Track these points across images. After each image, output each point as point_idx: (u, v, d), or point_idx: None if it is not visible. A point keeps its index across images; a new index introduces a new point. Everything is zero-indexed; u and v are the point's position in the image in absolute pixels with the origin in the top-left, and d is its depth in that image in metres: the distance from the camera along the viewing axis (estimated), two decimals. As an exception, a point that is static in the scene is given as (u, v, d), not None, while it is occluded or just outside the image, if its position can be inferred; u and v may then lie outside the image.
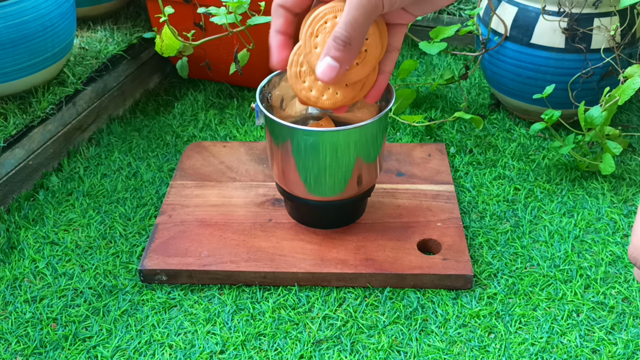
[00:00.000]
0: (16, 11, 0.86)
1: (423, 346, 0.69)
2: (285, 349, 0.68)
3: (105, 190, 0.91)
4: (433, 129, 1.03)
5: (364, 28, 0.53)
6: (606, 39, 0.93)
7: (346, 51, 0.55)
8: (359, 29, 0.53)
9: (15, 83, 0.91)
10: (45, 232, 0.83)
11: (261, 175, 0.89)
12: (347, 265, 0.75)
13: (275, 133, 0.71)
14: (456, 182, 0.92)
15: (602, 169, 0.88)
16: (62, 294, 0.75)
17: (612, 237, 0.82)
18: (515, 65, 0.99)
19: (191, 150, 0.95)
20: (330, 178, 0.73)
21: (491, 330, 0.70)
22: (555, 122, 0.90)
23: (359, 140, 0.70)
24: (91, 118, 1.02)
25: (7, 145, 0.87)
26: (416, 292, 0.75)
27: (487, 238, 0.82)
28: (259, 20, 0.91)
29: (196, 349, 0.68)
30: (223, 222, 0.81)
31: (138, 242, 0.82)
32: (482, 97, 1.13)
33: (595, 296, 0.74)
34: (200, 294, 0.75)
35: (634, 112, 1.08)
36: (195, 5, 1.02)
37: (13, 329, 0.71)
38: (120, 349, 0.69)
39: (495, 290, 0.75)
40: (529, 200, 0.89)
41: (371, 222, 0.81)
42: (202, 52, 1.08)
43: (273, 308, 0.73)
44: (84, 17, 1.18)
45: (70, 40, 0.97)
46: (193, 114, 1.09)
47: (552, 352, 0.68)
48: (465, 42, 1.27)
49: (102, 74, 1.04)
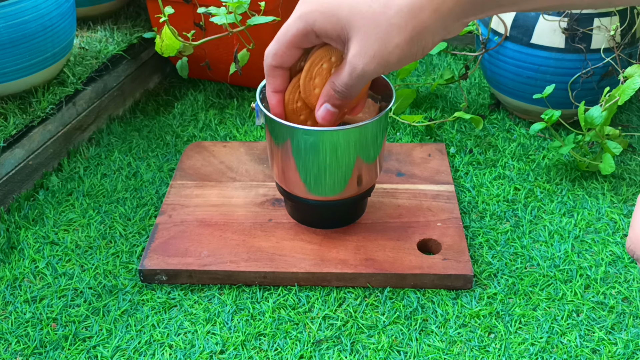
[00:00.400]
0: (16, 11, 0.86)
1: (423, 346, 0.69)
2: (285, 349, 0.68)
3: (105, 190, 0.91)
4: (433, 129, 1.03)
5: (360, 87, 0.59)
6: (606, 39, 0.93)
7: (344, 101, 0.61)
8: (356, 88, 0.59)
9: (15, 83, 0.91)
10: (45, 232, 0.83)
11: (261, 175, 0.89)
12: (347, 265, 0.75)
13: (275, 133, 0.71)
14: (456, 182, 0.92)
15: (602, 169, 0.88)
16: (62, 294, 0.75)
17: (612, 237, 0.82)
18: (515, 65, 0.99)
19: (191, 150, 0.95)
20: (330, 178, 0.73)
21: (491, 330, 0.70)
22: (555, 122, 0.90)
23: (359, 140, 0.70)
24: (91, 118, 1.02)
25: (7, 145, 0.87)
26: (416, 292, 0.75)
27: (487, 238, 0.82)
28: (259, 20, 0.91)
29: (196, 349, 0.68)
30: (223, 222, 0.81)
31: (138, 242, 0.82)
32: (482, 97, 1.13)
33: (595, 296, 0.74)
34: (200, 294, 0.75)
35: (633, 112, 1.08)
36: (195, 5, 1.02)
37: (13, 329, 0.71)
38: (120, 349, 0.69)
39: (495, 290, 0.75)
40: (529, 200, 0.89)
41: (371, 222, 0.81)
42: (202, 52, 1.08)
43: (273, 308, 0.73)
44: (84, 17, 1.18)
45: (70, 40, 0.97)
46: (193, 114, 1.09)
47: (552, 352, 0.68)
48: (465, 42, 1.27)
49: (102, 74, 1.04)
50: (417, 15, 0.51)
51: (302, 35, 0.57)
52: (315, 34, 0.56)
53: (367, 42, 0.53)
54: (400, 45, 0.52)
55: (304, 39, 0.58)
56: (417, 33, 0.51)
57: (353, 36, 0.54)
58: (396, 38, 0.52)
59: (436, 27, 0.51)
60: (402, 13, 0.51)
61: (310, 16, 0.55)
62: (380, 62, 0.54)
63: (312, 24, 0.55)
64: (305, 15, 0.56)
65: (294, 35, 0.58)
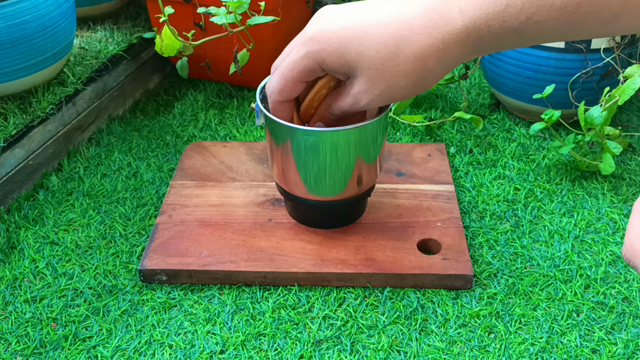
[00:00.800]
0: (16, 11, 0.86)
1: (423, 346, 0.69)
2: (285, 349, 0.68)
3: (105, 190, 0.91)
4: (433, 129, 1.03)
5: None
6: (606, 39, 0.93)
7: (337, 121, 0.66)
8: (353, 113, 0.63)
9: (15, 83, 0.91)
10: (45, 232, 0.83)
11: (261, 175, 0.89)
12: (347, 265, 0.75)
13: (275, 133, 0.71)
14: (456, 182, 0.92)
15: (602, 168, 0.88)
16: (62, 294, 0.75)
17: (612, 237, 0.82)
18: (515, 65, 0.99)
19: (191, 150, 0.95)
20: (330, 178, 0.73)
21: (491, 330, 0.70)
22: (555, 122, 0.90)
23: (359, 140, 0.70)
24: (91, 118, 1.02)
25: (7, 145, 0.87)
26: (416, 292, 0.75)
27: (487, 238, 0.82)
28: (259, 20, 0.91)
29: (196, 349, 0.68)
30: (223, 222, 0.81)
31: (138, 242, 0.82)
32: (482, 97, 1.13)
33: (595, 296, 0.74)
34: (200, 294, 0.75)
35: (633, 112, 1.08)
36: (195, 5, 1.02)
37: (13, 329, 0.71)
38: (120, 349, 0.69)
39: (495, 290, 0.75)
40: (529, 200, 0.89)
41: (371, 222, 0.81)
42: (202, 52, 1.08)
43: (273, 308, 0.73)
44: (84, 17, 1.18)
45: (70, 40, 0.97)
46: (193, 114, 1.09)
47: (552, 352, 0.68)
48: (465, 42, 1.27)
49: (102, 73, 1.04)
50: (423, 62, 0.53)
51: (309, 72, 0.59)
52: (322, 70, 0.58)
53: (373, 83, 0.56)
54: (406, 87, 0.55)
55: (311, 74, 0.59)
56: (422, 77, 0.55)
57: (359, 76, 0.56)
58: (402, 82, 0.55)
59: (441, 70, 0.55)
60: (409, 61, 0.53)
61: (318, 55, 0.57)
62: (384, 99, 0.57)
63: (320, 63, 0.57)
64: (312, 54, 0.57)
65: (301, 72, 0.59)
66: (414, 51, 0.53)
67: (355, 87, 0.57)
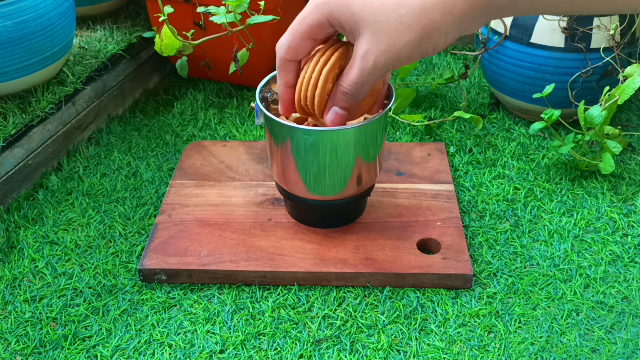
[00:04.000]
0: (15, 10, 0.86)
1: (423, 345, 0.69)
2: (285, 348, 0.68)
3: (104, 189, 0.91)
4: (433, 129, 1.03)
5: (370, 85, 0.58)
6: (606, 38, 0.93)
7: (353, 103, 0.61)
8: (366, 86, 0.58)
9: (15, 82, 0.91)
10: (44, 232, 0.83)
11: (261, 174, 0.89)
12: (347, 264, 0.75)
13: (275, 132, 0.71)
14: (456, 182, 0.92)
15: (602, 168, 0.88)
16: (61, 294, 0.75)
17: (612, 236, 0.82)
18: (514, 65, 0.99)
19: (191, 149, 0.95)
20: (329, 177, 0.72)
21: (491, 329, 0.70)
22: (555, 121, 0.90)
23: (359, 140, 0.70)
24: (91, 117, 1.02)
25: (6, 144, 0.87)
26: (416, 291, 0.75)
27: (486, 237, 0.82)
28: (258, 20, 0.91)
29: (196, 348, 0.68)
30: (223, 221, 0.81)
31: (137, 242, 0.82)
32: (481, 96, 1.13)
33: (595, 295, 0.74)
34: (200, 294, 0.75)
35: (633, 111, 1.08)
36: (194, 4, 1.02)
37: (12, 329, 0.71)
38: (119, 348, 0.69)
39: (494, 289, 0.75)
40: (528, 199, 0.89)
41: (371, 222, 0.81)
42: (202, 52, 1.08)
43: (273, 307, 0.73)
44: (83, 16, 1.18)
45: (70, 40, 0.97)
46: (192, 113, 1.09)
47: (552, 352, 0.68)
48: (465, 41, 1.27)
49: (101, 73, 1.04)
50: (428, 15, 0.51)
51: (317, 26, 0.58)
52: (330, 24, 0.57)
53: (377, 37, 0.54)
54: (410, 43, 0.53)
55: (319, 29, 0.58)
56: (427, 32, 0.52)
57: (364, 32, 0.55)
58: (406, 36, 0.53)
59: (448, 27, 0.52)
60: (413, 12, 0.52)
61: (325, 7, 0.56)
62: (390, 56, 0.55)
63: (327, 15, 0.56)
64: (320, 6, 0.56)
65: (310, 25, 0.58)
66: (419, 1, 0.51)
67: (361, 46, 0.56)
